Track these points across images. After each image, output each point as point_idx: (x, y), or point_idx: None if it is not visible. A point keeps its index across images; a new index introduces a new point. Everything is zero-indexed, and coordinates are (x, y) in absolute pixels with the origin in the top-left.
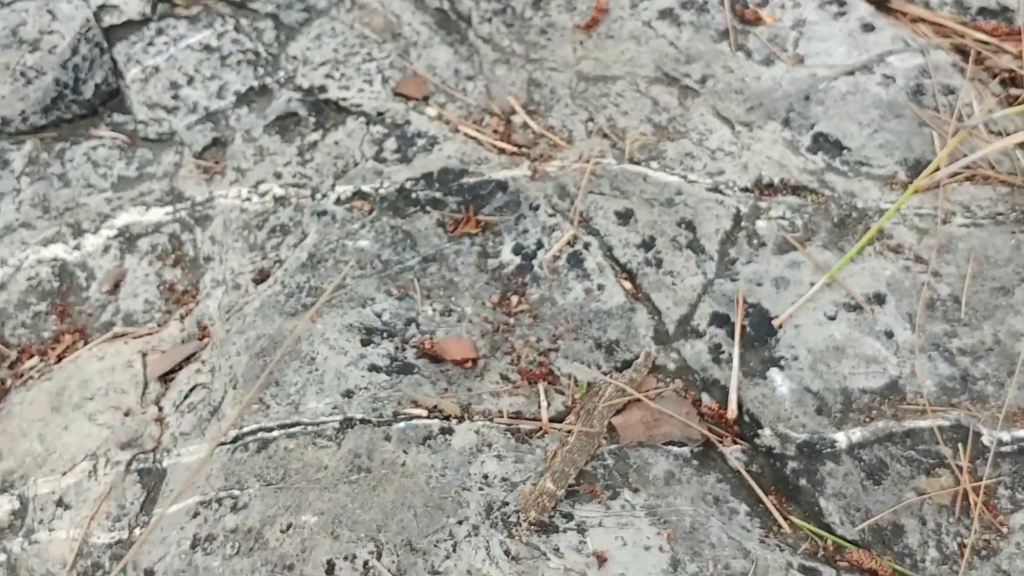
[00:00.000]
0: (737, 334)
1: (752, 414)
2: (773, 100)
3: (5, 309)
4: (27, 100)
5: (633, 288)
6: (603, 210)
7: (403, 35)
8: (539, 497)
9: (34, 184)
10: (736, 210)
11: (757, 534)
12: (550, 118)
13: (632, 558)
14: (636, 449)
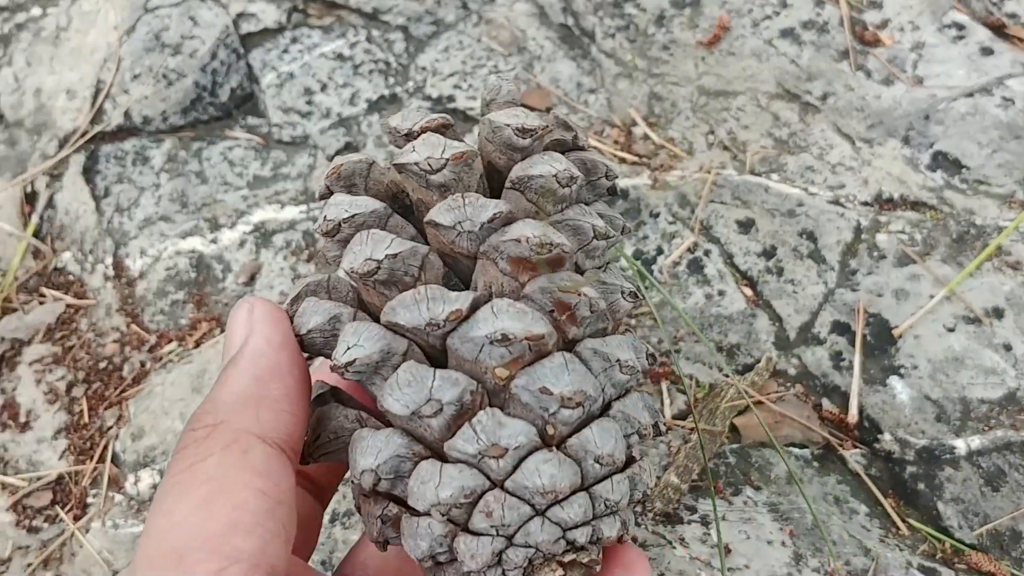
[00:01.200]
0: (858, 342)
1: (872, 419)
2: (893, 118)
3: (144, 297)
4: (168, 101)
5: (754, 295)
6: (724, 219)
7: (528, 49)
8: (664, 489)
9: (173, 180)
10: (856, 223)
11: (876, 534)
12: (671, 130)
13: (755, 551)
14: (758, 449)
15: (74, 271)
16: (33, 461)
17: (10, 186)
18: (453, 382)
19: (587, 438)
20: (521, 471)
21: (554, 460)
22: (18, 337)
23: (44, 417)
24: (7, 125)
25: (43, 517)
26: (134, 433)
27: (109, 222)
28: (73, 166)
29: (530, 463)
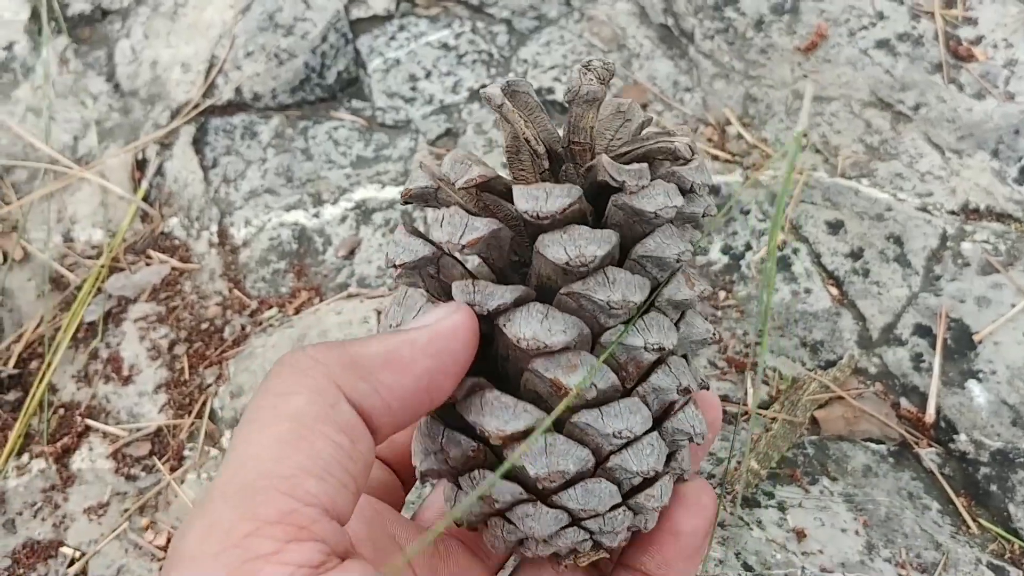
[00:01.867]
0: (939, 345)
1: (949, 420)
2: (983, 131)
3: (247, 264)
4: (278, 79)
5: (839, 294)
6: (813, 219)
7: (627, 47)
8: (744, 474)
9: (279, 156)
10: (943, 230)
11: (948, 530)
12: (764, 131)
13: (829, 538)
14: (836, 442)
15: (180, 236)
16: (134, 413)
17: (123, 152)
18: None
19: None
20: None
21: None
22: (125, 295)
23: (146, 372)
24: (122, 94)
25: (141, 466)
26: (233, 391)
27: (216, 192)
28: (184, 136)
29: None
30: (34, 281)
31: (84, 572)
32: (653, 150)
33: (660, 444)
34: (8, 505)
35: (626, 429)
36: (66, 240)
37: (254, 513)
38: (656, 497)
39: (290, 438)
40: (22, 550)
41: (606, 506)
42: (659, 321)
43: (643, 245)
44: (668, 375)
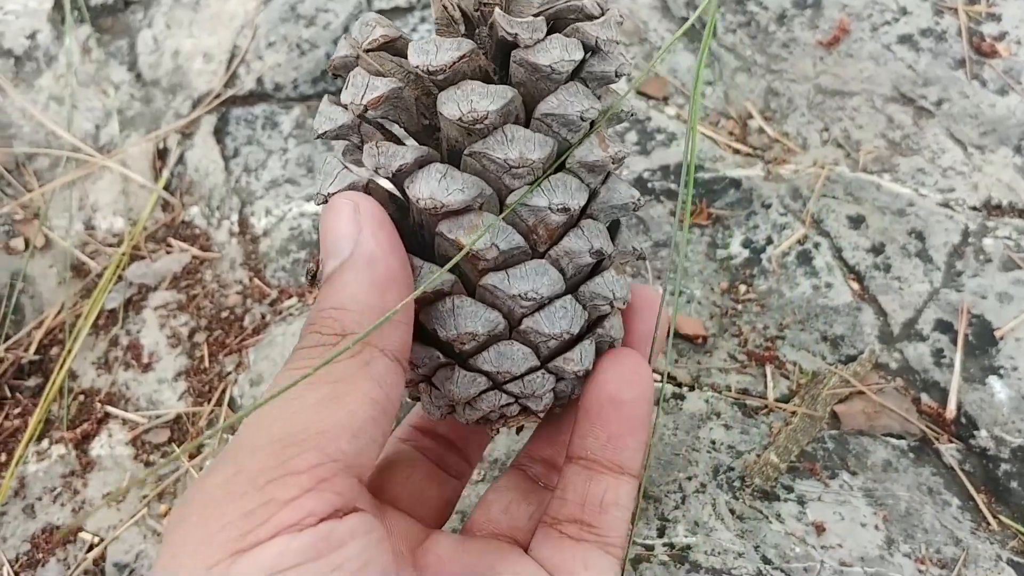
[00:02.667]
0: (960, 341)
1: (970, 416)
2: (1006, 127)
3: (267, 254)
4: (300, 70)
5: (860, 289)
6: (835, 213)
7: (649, 40)
8: (763, 467)
9: (300, 146)
10: (964, 226)
11: (968, 526)
12: (786, 125)
13: (849, 532)
14: (856, 436)
15: (201, 225)
16: (153, 400)
17: (144, 141)
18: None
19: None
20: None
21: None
22: (145, 283)
23: (166, 359)
24: (144, 84)
25: (160, 453)
26: (252, 379)
27: (237, 181)
28: (205, 126)
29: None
30: (55, 268)
31: (103, 558)
32: (563, 10)
33: (575, 307)
34: (28, 490)
35: (532, 291)
36: (87, 228)
37: (284, 464)
38: (575, 360)
39: (331, 397)
40: (41, 535)
41: (520, 368)
42: (566, 182)
43: (546, 103)
44: (580, 238)
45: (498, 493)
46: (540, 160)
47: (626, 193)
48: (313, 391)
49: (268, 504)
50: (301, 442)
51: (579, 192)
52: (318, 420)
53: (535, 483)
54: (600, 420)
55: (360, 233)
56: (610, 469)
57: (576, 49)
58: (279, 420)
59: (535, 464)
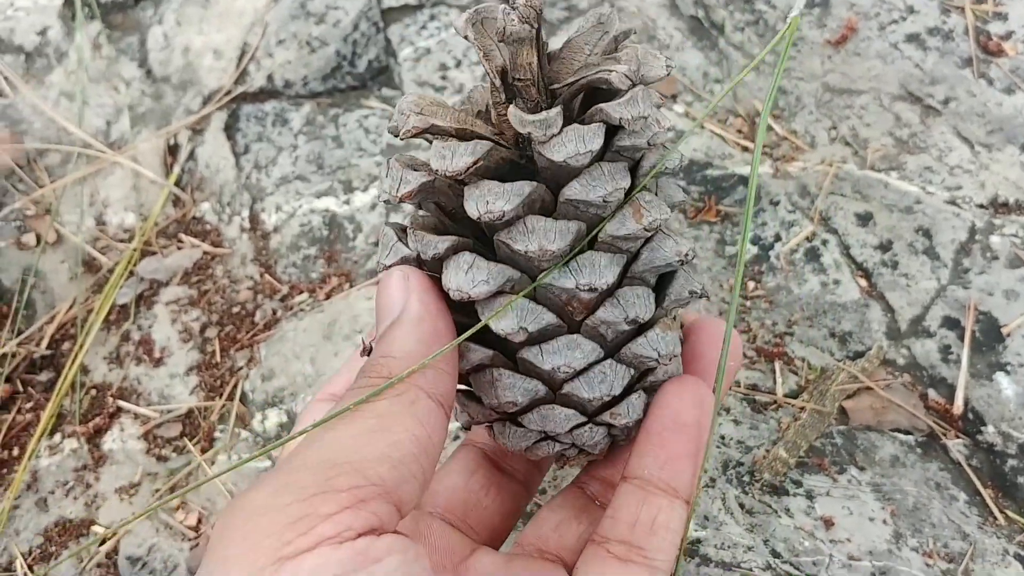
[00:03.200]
0: (967, 337)
1: (977, 412)
2: (1013, 126)
3: (278, 250)
4: (310, 67)
5: (868, 286)
6: (843, 211)
7: (657, 38)
8: (772, 462)
9: (310, 143)
10: (971, 224)
11: (975, 521)
12: (794, 123)
13: (857, 526)
14: (864, 432)
15: (211, 221)
16: (165, 395)
17: (155, 137)
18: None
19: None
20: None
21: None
22: (157, 278)
23: (177, 354)
24: (154, 80)
25: (172, 447)
26: (264, 374)
27: (247, 178)
28: (215, 122)
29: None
30: (67, 263)
31: (115, 551)
32: (593, 80)
33: (615, 369)
34: (40, 484)
35: (564, 365)
36: (99, 223)
37: (327, 481)
38: (622, 415)
39: (375, 429)
40: (54, 528)
41: (564, 427)
42: (594, 260)
43: (569, 188)
44: (615, 307)
45: (552, 511)
46: (560, 250)
47: (671, 251)
48: (359, 423)
49: (310, 516)
50: (343, 464)
51: (608, 269)
52: (361, 448)
53: (592, 501)
54: (660, 441)
55: (409, 298)
56: (664, 491)
57: (594, 137)
58: (325, 446)
59: (593, 482)
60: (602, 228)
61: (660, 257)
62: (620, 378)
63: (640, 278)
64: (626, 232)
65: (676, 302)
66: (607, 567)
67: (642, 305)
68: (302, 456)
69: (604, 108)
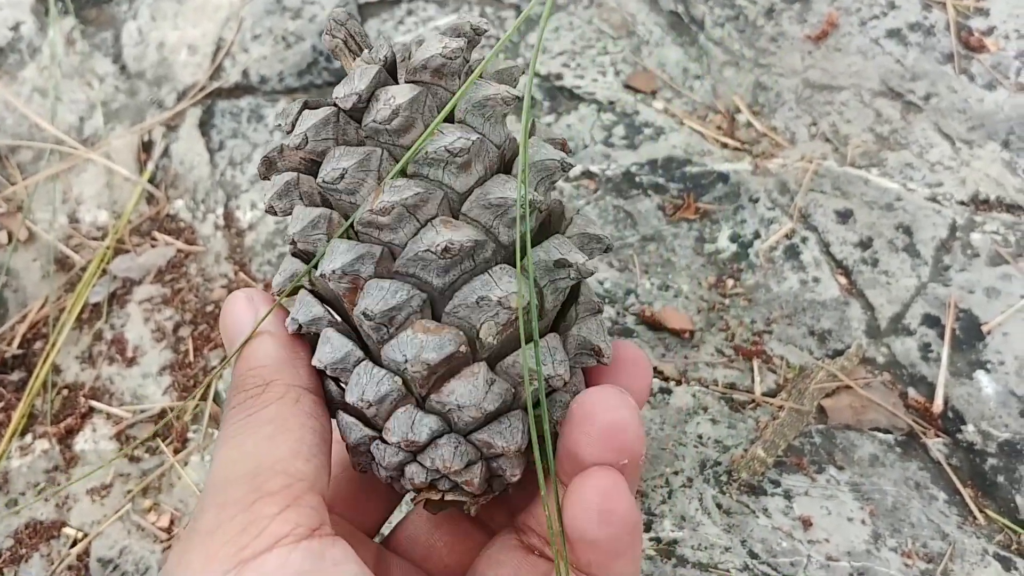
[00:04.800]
0: (947, 336)
1: (957, 411)
2: (994, 122)
3: (252, 248)
4: (285, 63)
5: (848, 283)
6: (823, 208)
7: (637, 33)
8: (750, 462)
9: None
10: (952, 221)
11: (954, 521)
12: (774, 119)
13: (836, 526)
14: (843, 431)
15: (186, 218)
16: (137, 395)
17: (129, 134)
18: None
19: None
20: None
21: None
22: (130, 276)
23: (150, 354)
24: (129, 76)
25: (144, 448)
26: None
27: (222, 175)
28: (190, 119)
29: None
30: (39, 262)
31: (86, 553)
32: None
33: (374, 372)
34: (11, 485)
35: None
36: (71, 221)
37: (259, 487)
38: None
39: (275, 432)
40: (24, 530)
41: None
42: (334, 247)
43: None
44: (364, 297)
45: (490, 564)
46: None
47: (428, 242)
48: (258, 431)
49: (257, 520)
50: (266, 470)
51: (346, 254)
52: (272, 451)
53: (529, 552)
54: (578, 554)
55: (257, 312)
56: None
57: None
58: (238, 460)
59: (532, 534)
60: (355, 218)
61: (419, 248)
62: (376, 382)
63: (410, 274)
64: (361, 216)
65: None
66: None
67: (378, 299)
68: (222, 474)
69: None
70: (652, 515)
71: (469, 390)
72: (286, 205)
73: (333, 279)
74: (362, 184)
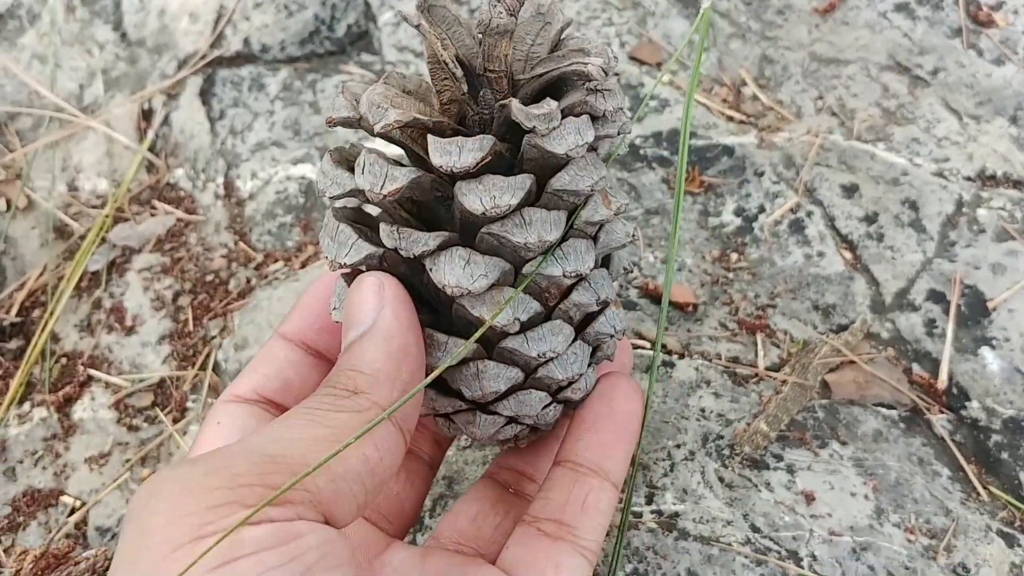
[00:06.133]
0: (952, 311)
1: (961, 387)
2: (1002, 98)
3: (253, 217)
4: (287, 31)
5: (853, 258)
6: (828, 182)
7: (642, 5)
8: (753, 435)
9: (287, 108)
10: (959, 196)
11: (958, 497)
12: (780, 93)
13: (838, 501)
14: (847, 406)
15: (186, 187)
16: (136, 364)
17: (129, 102)
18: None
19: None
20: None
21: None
22: (129, 245)
23: (149, 323)
24: (129, 44)
25: (143, 417)
26: (237, 344)
27: (222, 143)
28: (191, 87)
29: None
30: (38, 230)
31: (84, 521)
32: (568, 72)
33: (584, 350)
34: (9, 453)
35: (550, 350)
36: (70, 189)
37: (261, 476)
38: (581, 389)
39: (327, 440)
40: (22, 498)
41: (537, 409)
42: (576, 247)
43: (558, 179)
44: (588, 291)
45: (467, 503)
46: (555, 240)
47: (622, 233)
48: (314, 429)
49: (232, 504)
50: (284, 465)
51: (588, 254)
52: (307, 453)
53: (505, 490)
54: (595, 427)
55: (383, 309)
56: (595, 473)
57: (588, 129)
58: (275, 441)
59: (504, 472)
60: (577, 215)
61: (615, 240)
62: (585, 357)
63: (596, 263)
64: (600, 218)
65: (616, 272)
66: (538, 545)
67: (609, 287)
68: (251, 442)
69: (591, 103)
70: (654, 488)
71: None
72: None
73: (570, 277)
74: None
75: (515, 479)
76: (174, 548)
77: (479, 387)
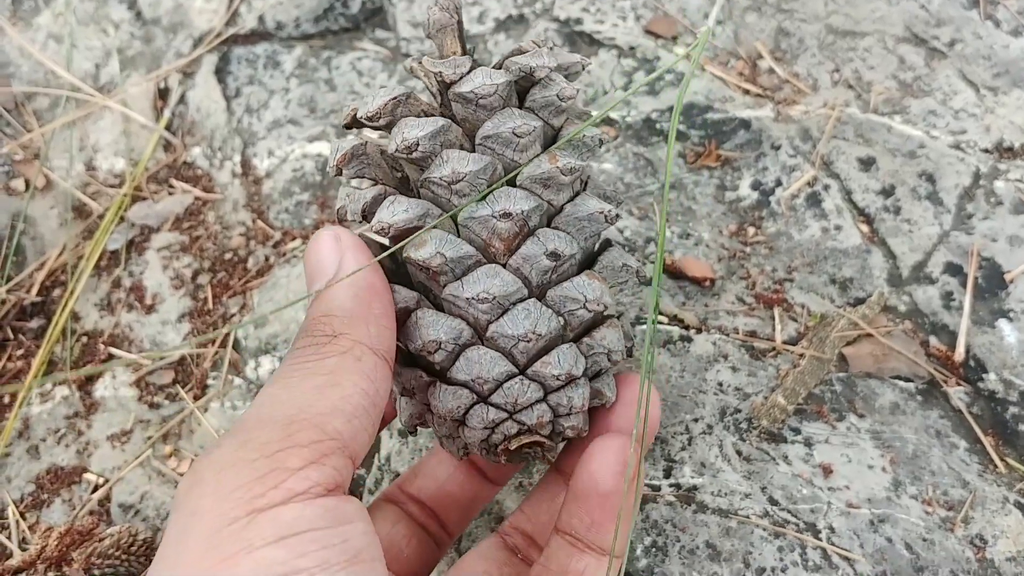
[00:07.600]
0: (970, 284)
1: (978, 359)
2: (1019, 69)
3: (270, 195)
4: (302, 8)
5: (870, 231)
6: (845, 155)
7: None
8: (771, 409)
9: (302, 86)
10: (976, 168)
11: (975, 469)
12: (796, 66)
13: (856, 474)
14: (864, 379)
15: (203, 166)
16: (157, 342)
17: (145, 81)
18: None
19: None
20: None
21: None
22: (148, 224)
23: (169, 301)
24: (144, 22)
25: (164, 394)
26: (256, 321)
27: (239, 122)
28: (206, 66)
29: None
30: (56, 209)
31: (108, 498)
32: (509, 57)
33: (539, 309)
34: (32, 431)
35: (483, 291)
36: (88, 168)
37: (289, 436)
38: (553, 363)
39: (326, 385)
40: (46, 475)
41: (492, 372)
42: (509, 193)
43: (483, 128)
44: (536, 243)
45: (475, 560)
46: (473, 172)
47: (594, 206)
48: (310, 380)
49: (277, 471)
50: (303, 420)
51: (523, 200)
52: (316, 403)
53: (513, 554)
54: (585, 505)
55: (343, 256)
56: (592, 550)
57: (500, 76)
58: (282, 403)
59: (515, 534)
60: (520, 170)
61: (583, 210)
62: (546, 319)
63: (565, 231)
64: (541, 172)
65: (611, 271)
66: None
67: (563, 242)
68: (259, 412)
69: (514, 59)
70: (672, 461)
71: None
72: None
73: (499, 217)
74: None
75: (525, 545)
76: (230, 522)
77: (418, 335)
